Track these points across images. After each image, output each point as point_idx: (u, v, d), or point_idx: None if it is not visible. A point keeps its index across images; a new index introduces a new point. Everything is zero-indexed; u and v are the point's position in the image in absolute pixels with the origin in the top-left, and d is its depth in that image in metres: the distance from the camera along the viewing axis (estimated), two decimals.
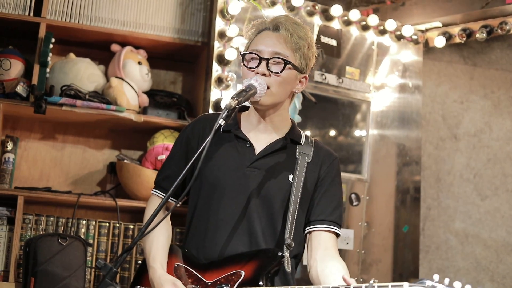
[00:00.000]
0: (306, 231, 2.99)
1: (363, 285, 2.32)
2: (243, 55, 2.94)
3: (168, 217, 3.11)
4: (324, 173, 3.00)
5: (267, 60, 2.87)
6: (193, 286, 2.83)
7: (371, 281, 2.28)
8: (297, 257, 2.99)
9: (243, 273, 2.75)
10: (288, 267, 2.78)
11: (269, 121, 3.00)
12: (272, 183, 2.92)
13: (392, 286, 2.19)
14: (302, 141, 3.04)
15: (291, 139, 3.01)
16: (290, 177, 2.94)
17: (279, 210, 2.92)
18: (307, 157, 2.99)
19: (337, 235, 2.98)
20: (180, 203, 2.90)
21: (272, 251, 2.80)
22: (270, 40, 2.90)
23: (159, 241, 2.99)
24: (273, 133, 3.01)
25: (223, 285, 2.74)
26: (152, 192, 3.15)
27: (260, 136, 3.01)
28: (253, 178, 2.93)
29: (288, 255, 2.80)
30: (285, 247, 2.81)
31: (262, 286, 2.69)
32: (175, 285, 2.79)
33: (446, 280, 2.09)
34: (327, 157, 3.04)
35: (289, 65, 2.87)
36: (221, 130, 2.98)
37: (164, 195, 3.03)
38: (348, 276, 2.65)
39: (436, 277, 2.10)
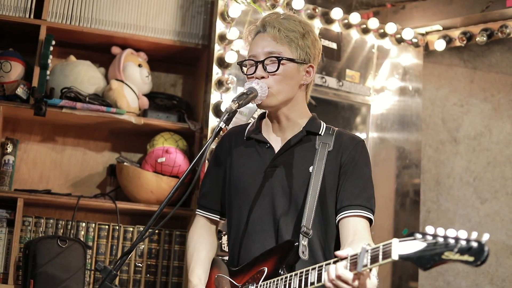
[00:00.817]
0: (337, 222, 2.93)
1: (358, 251, 2.31)
2: (241, 64, 2.99)
3: (212, 232, 3.22)
4: (346, 160, 2.95)
5: (262, 62, 2.88)
6: None
7: (364, 245, 2.28)
8: (327, 248, 2.93)
9: (266, 269, 2.76)
10: (304, 255, 2.72)
11: (284, 119, 3.01)
12: (293, 178, 2.93)
13: (383, 245, 2.21)
14: (322, 131, 3.02)
15: (308, 131, 3.00)
16: (310, 168, 2.91)
17: (302, 202, 2.89)
18: (327, 146, 2.96)
19: (369, 220, 2.89)
20: (223, 218, 3.16)
21: (290, 241, 2.78)
22: (262, 42, 2.93)
23: (199, 254, 3.08)
24: (291, 129, 3.02)
25: (249, 284, 2.77)
26: (196, 212, 3.25)
27: (279, 136, 3.03)
28: (274, 177, 2.95)
29: (306, 243, 2.77)
30: (301, 235, 2.77)
31: (282, 275, 2.67)
32: None
33: (439, 230, 2.07)
34: (349, 142, 2.99)
35: (282, 61, 2.88)
36: (244, 138, 3.08)
37: (205, 212, 3.19)
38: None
39: (429, 228, 2.09)
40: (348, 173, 2.93)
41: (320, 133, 3.02)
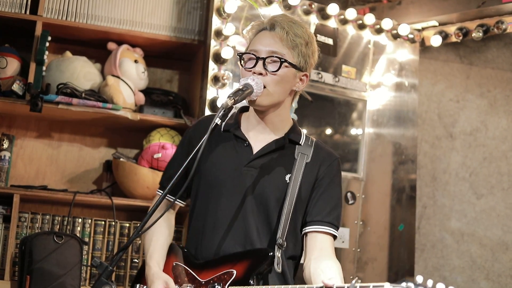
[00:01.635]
0: (303, 232, 2.97)
1: (346, 285, 2.32)
2: (241, 56, 2.95)
3: (171, 216, 3.16)
4: (322, 174, 2.98)
5: (264, 59, 2.86)
6: (188, 285, 2.84)
7: (353, 281, 2.28)
8: (294, 258, 2.99)
9: (234, 272, 2.75)
10: (278, 268, 2.76)
11: (268, 121, 2.99)
12: (268, 183, 2.92)
13: (373, 286, 2.20)
14: (302, 141, 3.03)
15: (290, 139, 3.01)
16: (287, 177, 2.93)
17: (275, 209, 2.91)
18: (305, 158, 2.98)
19: (334, 236, 2.96)
20: (182, 202, 2.95)
21: (264, 250, 2.80)
22: (267, 40, 2.91)
23: (158, 239, 3.01)
24: (272, 133, 3.01)
25: (215, 284, 2.75)
26: (156, 192, 3.19)
27: (259, 136, 3.01)
28: (249, 177, 2.93)
29: (280, 255, 2.80)
30: (276, 247, 2.80)
31: (252, 285, 2.69)
32: (166, 283, 2.80)
33: (429, 282, 2.08)
34: (327, 157, 3.03)
35: (285, 63, 2.87)
36: (221, 129, 3.01)
37: (168, 195, 2.97)
38: (339, 275, 2.68)
39: (419, 278, 2.09)
40: (322, 188, 2.97)
41: (300, 142, 3.02)
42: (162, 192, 3.10)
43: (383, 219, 5.02)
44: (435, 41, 5.23)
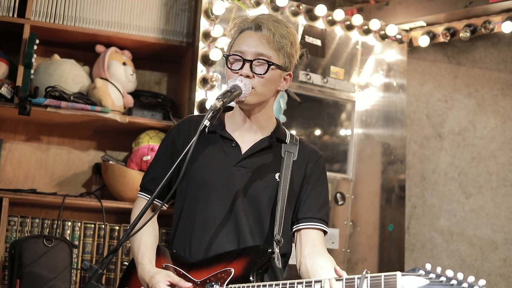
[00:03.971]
0: (294, 229, 3.00)
1: (356, 276, 2.33)
2: (227, 57, 2.95)
3: (155, 219, 3.11)
4: (310, 171, 3.01)
5: (251, 62, 2.87)
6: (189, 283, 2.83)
7: (364, 272, 2.29)
8: (285, 255, 2.99)
9: (233, 270, 2.75)
10: (278, 263, 2.80)
11: (254, 120, 3.00)
12: (259, 182, 2.94)
13: (385, 276, 2.21)
14: (287, 139, 3.05)
15: (276, 138, 3.02)
16: (277, 175, 2.95)
17: (267, 208, 2.93)
18: (292, 156, 3.00)
19: (325, 232, 2.99)
20: (166, 205, 2.91)
21: (262, 247, 2.80)
22: (253, 41, 2.90)
23: (146, 240, 2.99)
24: (258, 132, 3.02)
25: (213, 283, 2.75)
26: (138, 195, 3.15)
27: (246, 136, 3.02)
28: (239, 177, 2.94)
29: (278, 251, 2.82)
30: (275, 243, 2.82)
31: (252, 282, 2.69)
32: (168, 275, 2.77)
33: (438, 269, 2.11)
34: (312, 155, 3.05)
35: (272, 66, 2.87)
36: (206, 131, 2.94)
37: (150, 197, 2.92)
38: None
39: (428, 266, 2.11)
40: (311, 186, 3.01)
41: (286, 141, 3.05)
42: (143, 194, 3.10)
43: (373, 220, 5.03)
44: (423, 41, 5.25)
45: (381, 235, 5.02)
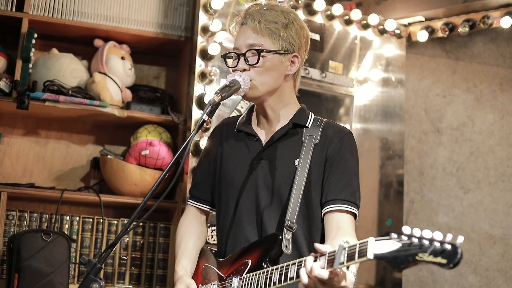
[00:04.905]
0: (322, 216, 2.91)
1: (335, 249, 2.30)
2: (224, 58, 3.01)
3: (201, 222, 3.23)
4: (331, 152, 2.92)
5: (244, 55, 2.89)
6: (213, 283, 2.88)
7: (342, 243, 2.27)
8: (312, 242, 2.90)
9: (250, 261, 2.77)
10: (287, 250, 2.72)
11: (271, 110, 3.00)
12: (279, 171, 2.92)
13: (359, 243, 2.19)
14: (309, 123, 3.00)
15: (295, 124, 2.98)
16: (296, 161, 2.90)
17: (287, 195, 2.89)
18: (314, 139, 2.94)
19: (352, 213, 2.87)
20: (213, 209, 3.17)
21: (274, 235, 2.78)
22: (243, 34, 2.93)
23: (186, 244, 3.08)
24: (278, 121, 3.01)
25: (233, 276, 2.78)
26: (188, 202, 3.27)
27: (266, 128, 3.03)
28: (260, 169, 2.95)
29: (290, 237, 2.76)
30: (285, 229, 2.76)
31: (264, 268, 2.67)
32: (187, 287, 2.87)
33: (415, 230, 2.09)
34: (335, 134, 2.96)
35: (262, 53, 2.87)
36: (235, 130, 3.09)
37: (195, 202, 3.20)
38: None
39: (406, 228, 2.11)
40: (333, 167, 2.91)
41: (307, 125, 2.99)
42: (189, 200, 3.24)
43: (371, 214, 5.03)
44: (422, 36, 5.24)
45: (379, 230, 5.02)
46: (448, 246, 2.00)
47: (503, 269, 5.29)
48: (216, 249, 3.11)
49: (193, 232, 3.14)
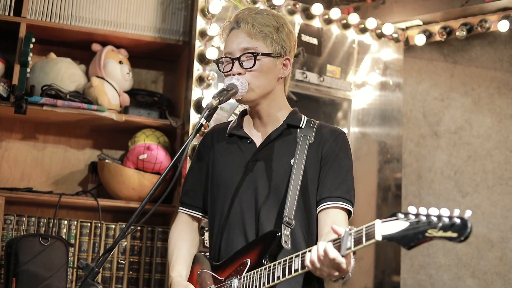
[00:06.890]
0: (317, 214, 2.93)
1: (342, 235, 2.32)
2: (217, 63, 3.01)
3: (194, 229, 3.22)
4: (326, 151, 2.95)
5: (238, 59, 2.90)
6: (210, 286, 2.88)
7: (347, 229, 2.29)
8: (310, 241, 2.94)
9: (249, 261, 2.77)
10: (287, 245, 2.72)
11: (264, 113, 3.02)
12: (274, 171, 2.93)
13: (366, 227, 2.22)
14: (303, 124, 3.03)
15: (289, 124, 3.01)
16: (292, 161, 2.92)
17: (285, 195, 2.90)
18: (308, 139, 2.96)
19: (347, 210, 2.91)
20: (205, 216, 3.15)
21: (272, 232, 2.78)
22: (235, 38, 2.94)
23: (179, 251, 3.08)
24: (271, 123, 3.03)
25: (233, 277, 2.77)
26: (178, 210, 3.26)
27: (260, 130, 3.05)
28: (255, 171, 2.96)
29: (289, 233, 2.76)
30: (283, 226, 2.76)
31: (265, 265, 2.67)
32: None
33: (421, 209, 2.11)
34: (330, 134, 3.00)
35: (258, 56, 2.89)
36: (227, 135, 3.10)
37: (186, 210, 3.18)
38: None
39: (411, 208, 2.12)
40: (328, 165, 2.94)
41: (301, 126, 3.02)
42: (180, 208, 3.22)
43: (369, 218, 5.02)
44: (419, 40, 5.25)
45: None
46: (457, 220, 2.03)
47: (501, 273, 5.29)
48: (208, 254, 3.11)
49: (186, 238, 3.13)
